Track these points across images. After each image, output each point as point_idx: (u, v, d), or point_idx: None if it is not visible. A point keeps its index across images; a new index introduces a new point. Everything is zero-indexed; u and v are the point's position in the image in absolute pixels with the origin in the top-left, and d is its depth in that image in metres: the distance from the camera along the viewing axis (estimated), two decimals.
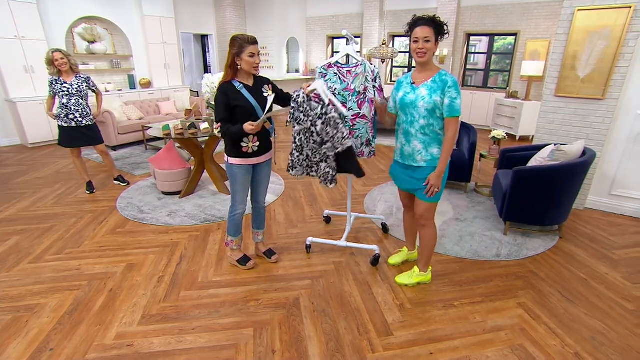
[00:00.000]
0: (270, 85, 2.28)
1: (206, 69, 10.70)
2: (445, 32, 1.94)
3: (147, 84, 7.41)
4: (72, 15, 6.31)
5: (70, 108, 3.59)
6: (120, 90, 7.01)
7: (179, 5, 8.07)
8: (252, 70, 2.13)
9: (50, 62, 3.46)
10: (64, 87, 3.53)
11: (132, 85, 7.35)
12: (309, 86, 2.16)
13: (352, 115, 2.37)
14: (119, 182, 4.21)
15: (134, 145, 6.10)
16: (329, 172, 2.30)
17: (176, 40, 7.83)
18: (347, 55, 2.41)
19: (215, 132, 2.15)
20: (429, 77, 1.98)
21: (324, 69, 2.39)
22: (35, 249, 2.84)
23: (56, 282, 2.43)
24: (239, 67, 2.10)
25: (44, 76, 5.91)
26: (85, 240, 2.97)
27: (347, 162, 2.28)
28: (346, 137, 2.18)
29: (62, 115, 3.60)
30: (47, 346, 1.88)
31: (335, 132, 2.17)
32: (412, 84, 2.04)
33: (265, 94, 2.20)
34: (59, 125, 3.67)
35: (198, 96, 8.82)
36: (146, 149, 5.84)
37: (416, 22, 1.92)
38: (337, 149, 2.22)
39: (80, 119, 3.66)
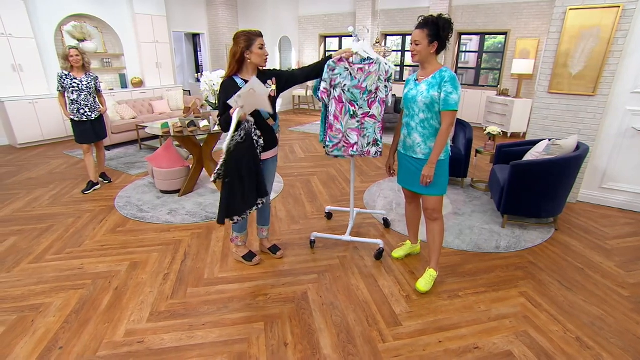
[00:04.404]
0: (274, 79, 2.25)
1: (198, 69, 10.61)
2: (444, 30, 1.98)
3: (139, 83, 7.31)
4: (61, 12, 6.17)
5: (80, 103, 3.71)
6: (112, 89, 6.90)
7: (171, 4, 7.98)
8: (262, 63, 2.14)
9: (65, 57, 3.59)
10: (74, 82, 3.64)
11: (124, 85, 7.24)
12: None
13: (362, 114, 2.38)
14: (102, 179, 4.22)
15: (127, 145, 6.02)
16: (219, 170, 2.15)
17: (168, 39, 7.75)
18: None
19: (217, 127, 2.16)
20: (430, 74, 2.05)
21: (333, 62, 2.35)
22: (35, 249, 2.79)
23: (59, 281, 2.40)
24: (248, 61, 2.11)
25: (33, 75, 5.81)
26: (85, 240, 2.93)
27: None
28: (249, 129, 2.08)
29: (74, 111, 3.72)
30: (56, 345, 1.86)
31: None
32: (415, 80, 2.13)
33: (269, 88, 2.20)
34: (72, 122, 3.78)
35: (190, 95, 8.75)
36: (140, 149, 5.77)
37: (416, 25, 2.04)
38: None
39: (89, 113, 3.80)
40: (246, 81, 2.14)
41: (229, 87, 2.12)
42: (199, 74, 10.21)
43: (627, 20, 3.12)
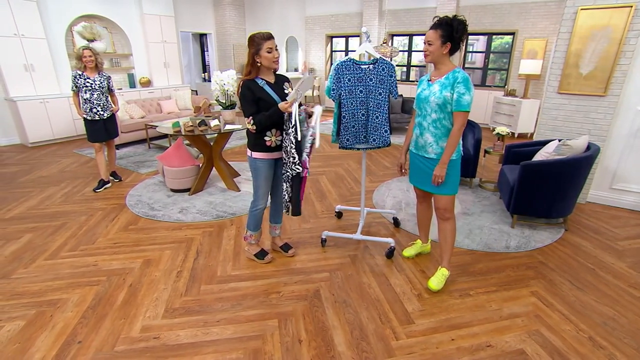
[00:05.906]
0: (289, 83, 2.34)
1: (204, 68, 10.67)
2: (457, 32, 1.99)
3: (147, 83, 7.38)
4: (72, 13, 6.26)
5: (93, 102, 3.77)
6: (121, 89, 6.97)
7: (179, 4, 8.05)
8: (272, 65, 2.17)
9: (79, 58, 3.67)
10: (87, 81, 3.71)
11: (132, 84, 7.31)
12: (312, 107, 2.22)
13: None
14: (112, 178, 4.28)
15: (136, 144, 6.08)
16: (284, 195, 2.31)
17: (176, 39, 7.81)
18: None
19: (248, 126, 2.17)
20: (444, 74, 2.07)
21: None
22: (50, 245, 2.84)
23: (75, 277, 2.44)
24: (259, 65, 2.14)
25: (44, 75, 5.88)
26: (98, 237, 2.98)
27: (293, 192, 2.28)
28: (297, 163, 2.17)
29: (87, 110, 3.78)
30: (75, 339, 1.90)
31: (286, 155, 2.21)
32: (429, 81, 2.15)
33: (286, 91, 2.25)
34: (84, 120, 3.84)
35: (197, 95, 8.80)
36: (149, 148, 5.83)
37: (430, 26, 2.05)
38: (287, 172, 2.23)
39: (102, 112, 3.85)
40: (266, 81, 2.18)
41: (252, 86, 2.15)
42: (206, 73, 10.30)
43: (639, 21, 3.11)
